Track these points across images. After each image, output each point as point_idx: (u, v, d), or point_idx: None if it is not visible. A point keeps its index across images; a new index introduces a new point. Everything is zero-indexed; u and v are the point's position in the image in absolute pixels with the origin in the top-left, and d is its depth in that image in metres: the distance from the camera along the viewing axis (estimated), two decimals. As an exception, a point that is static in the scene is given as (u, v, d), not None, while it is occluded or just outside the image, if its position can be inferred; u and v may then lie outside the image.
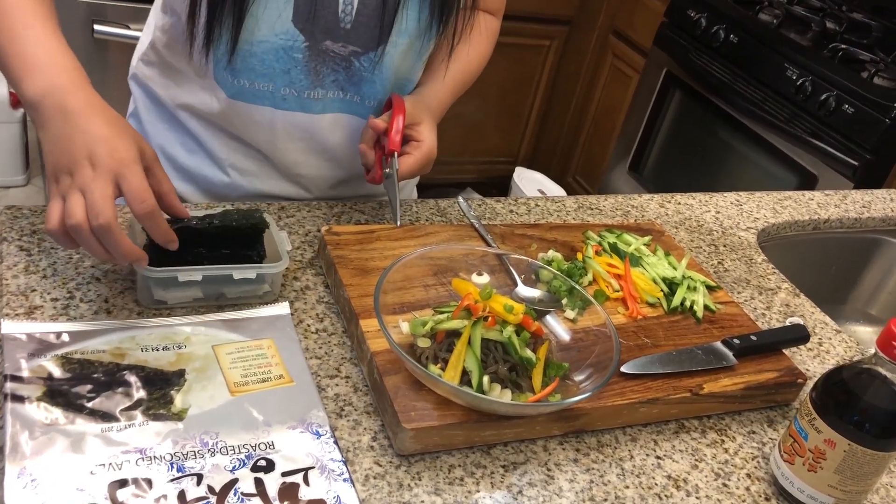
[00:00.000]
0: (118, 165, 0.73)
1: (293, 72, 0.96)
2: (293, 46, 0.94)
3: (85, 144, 0.74)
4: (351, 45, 0.96)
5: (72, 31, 2.21)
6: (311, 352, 0.83)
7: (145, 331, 0.80)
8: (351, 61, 0.98)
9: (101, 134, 0.75)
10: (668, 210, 1.29)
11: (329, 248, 0.92)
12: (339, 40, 0.96)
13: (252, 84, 0.97)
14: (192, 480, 0.66)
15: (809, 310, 1.13)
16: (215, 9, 0.89)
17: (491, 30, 1.15)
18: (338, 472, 0.70)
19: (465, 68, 1.10)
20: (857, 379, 0.75)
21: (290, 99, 0.99)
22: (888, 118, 1.95)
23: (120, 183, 0.74)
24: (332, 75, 0.98)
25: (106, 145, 0.74)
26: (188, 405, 0.73)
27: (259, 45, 0.94)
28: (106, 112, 0.78)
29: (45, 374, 0.72)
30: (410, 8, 0.96)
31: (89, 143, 0.74)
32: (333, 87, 1.00)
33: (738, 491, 0.80)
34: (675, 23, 2.60)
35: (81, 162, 0.73)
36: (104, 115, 0.77)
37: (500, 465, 0.77)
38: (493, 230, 1.05)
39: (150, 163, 0.78)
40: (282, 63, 0.96)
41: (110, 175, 0.73)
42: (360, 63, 0.98)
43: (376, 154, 0.99)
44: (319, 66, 0.97)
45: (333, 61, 0.97)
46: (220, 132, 1.04)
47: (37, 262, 0.86)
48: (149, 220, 0.76)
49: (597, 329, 0.87)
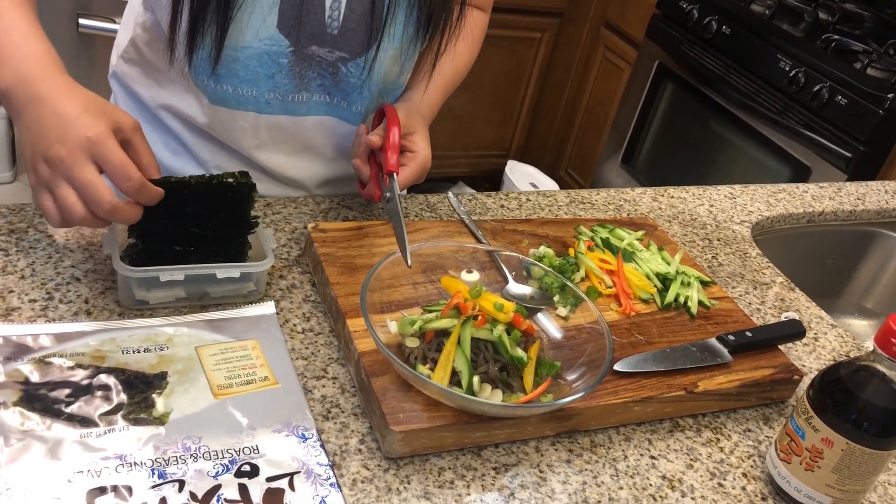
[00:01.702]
0: (90, 144, 0.71)
1: (277, 76, 0.94)
2: (278, 52, 0.92)
3: (55, 127, 0.72)
4: (338, 51, 0.94)
5: (56, 25, 2.18)
6: (297, 352, 0.81)
7: (126, 332, 0.78)
8: (338, 67, 0.96)
9: (69, 114, 0.72)
10: (661, 204, 1.27)
11: (316, 246, 0.90)
12: (325, 45, 0.93)
13: (235, 90, 0.94)
14: (174, 487, 0.64)
15: (804, 304, 1.11)
16: (198, 17, 0.86)
17: (479, 27, 1.13)
18: (324, 477, 0.68)
19: (454, 68, 1.08)
20: (854, 377, 0.73)
21: (273, 103, 0.96)
22: (882, 109, 1.94)
23: (98, 162, 0.72)
24: (318, 80, 0.96)
25: (75, 124, 0.72)
26: (170, 409, 0.71)
27: (243, 51, 0.91)
28: (75, 92, 0.75)
29: (22, 378, 0.70)
30: (399, 14, 0.94)
31: (58, 125, 0.72)
32: (319, 91, 0.97)
33: (733, 491, 0.79)
34: (667, 14, 2.58)
35: (53, 146, 0.71)
36: (73, 96, 0.74)
37: (492, 466, 0.75)
38: (483, 226, 1.03)
39: (129, 135, 0.75)
40: (266, 68, 0.93)
41: (85, 154, 0.71)
42: (348, 69, 0.96)
43: (372, 170, 0.96)
44: (305, 71, 0.95)
45: (320, 66, 0.95)
46: (204, 134, 1.02)
47: (14, 262, 0.83)
48: (140, 195, 0.74)
49: (589, 326, 0.85)
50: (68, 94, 0.74)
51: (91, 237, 0.89)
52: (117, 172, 0.72)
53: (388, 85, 1.02)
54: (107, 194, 0.71)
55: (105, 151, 0.71)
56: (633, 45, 2.79)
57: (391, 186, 0.91)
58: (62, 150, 0.71)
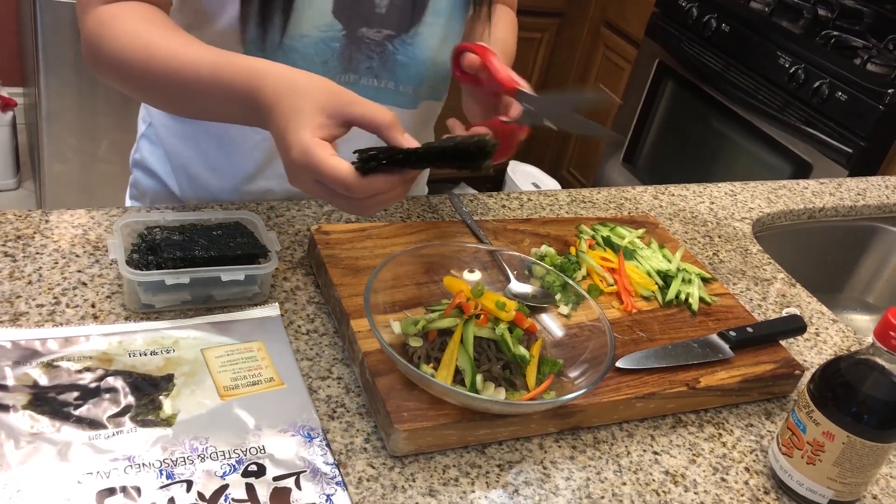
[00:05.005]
0: (300, 172, 0.73)
1: (330, 61, 0.95)
2: (332, 36, 0.93)
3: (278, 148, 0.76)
4: (385, 29, 0.95)
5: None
6: (301, 353, 0.82)
7: (133, 335, 0.79)
8: (385, 45, 0.96)
9: (276, 133, 0.75)
10: (661, 202, 1.28)
11: (319, 248, 0.91)
12: (374, 25, 0.94)
13: None
14: (182, 487, 0.65)
15: (806, 300, 1.12)
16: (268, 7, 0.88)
17: (514, 22, 1.13)
18: (330, 476, 0.69)
19: (505, 54, 1.05)
20: (854, 370, 0.74)
21: None
22: (882, 105, 1.95)
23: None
24: (367, 62, 0.97)
25: (282, 153, 0.74)
26: (177, 410, 0.72)
27: (300, 41, 0.92)
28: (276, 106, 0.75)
29: (31, 381, 0.71)
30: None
31: (277, 147, 0.75)
32: (368, 75, 0.98)
33: (736, 485, 0.79)
34: (666, 13, 2.59)
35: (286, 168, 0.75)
36: (275, 109, 0.75)
37: (496, 464, 0.76)
38: (485, 226, 1.04)
39: (343, 115, 0.74)
40: (321, 55, 0.94)
41: (309, 179, 0.73)
42: (394, 46, 0.97)
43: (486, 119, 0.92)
44: (354, 53, 0.96)
45: (368, 48, 0.96)
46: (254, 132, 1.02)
47: (21, 267, 0.84)
48: (379, 198, 0.74)
49: (591, 324, 0.86)
50: (274, 107, 0.77)
51: (96, 242, 0.90)
52: (338, 194, 0.74)
53: (436, 66, 1.02)
54: (363, 195, 0.72)
55: (314, 177, 0.73)
56: (633, 44, 2.79)
57: (520, 97, 0.85)
58: (296, 181, 0.76)
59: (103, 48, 0.85)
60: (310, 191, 0.75)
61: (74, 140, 2.42)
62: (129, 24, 0.84)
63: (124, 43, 0.83)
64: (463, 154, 0.74)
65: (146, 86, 0.87)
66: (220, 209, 0.98)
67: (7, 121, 2.61)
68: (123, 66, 0.84)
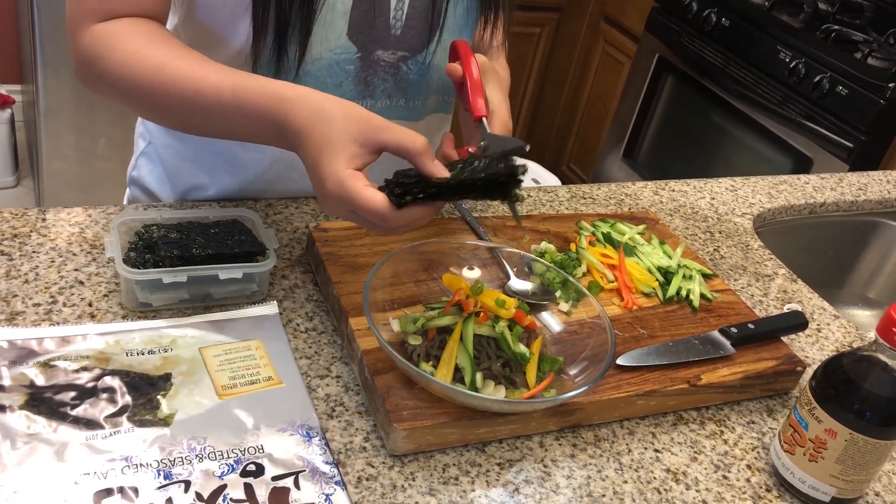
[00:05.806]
0: (335, 203, 0.73)
1: (345, 84, 0.93)
2: (346, 59, 0.92)
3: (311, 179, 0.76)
4: (400, 51, 0.94)
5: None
6: (300, 352, 0.82)
7: (130, 334, 0.78)
8: (399, 67, 0.95)
9: (308, 162, 0.74)
10: (662, 198, 1.27)
11: (317, 245, 0.91)
12: (389, 48, 0.93)
13: None
14: (180, 488, 0.65)
15: (807, 295, 1.11)
16: (284, 32, 0.86)
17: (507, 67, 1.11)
18: (329, 475, 0.69)
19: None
20: (856, 366, 0.73)
21: None
22: (882, 99, 1.94)
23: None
24: (382, 84, 0.96)
25: (316, 183, 0.74)
26: (175, 410, 0.71)
27: (314, 64, 0.90)
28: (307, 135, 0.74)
29: (27, 381, 0.71)
30: (458, 5, 0.94)
31: (310, 176, 0.75)
32: (382, 97, 0.97)
33: (738, 483, 0.79)
34: (666, 7, 2.58)
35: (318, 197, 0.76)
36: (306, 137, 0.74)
37: (496, 462, 0.75)
38: (484, 223, 1.03)
39: (375, 143, 0.73)
40: (334, 77, 0.92)
41: (345, 209, 0.73)
42: (408, 67, 0.96)
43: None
44: (370, 77, 0.94)
45: (383, 70, 0.95)
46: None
47: (18, 266, 0.84)
48: (413, 224, 0.75)
49: (591, 321, 0.85)
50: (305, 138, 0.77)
51: (93, 240, 0.89)
52: (372, 225, 0.75)
53: (446, 81, 1.00)
54: (386, 222, 0.72)
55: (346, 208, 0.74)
56: (633, 39, 2.79)
57: (484, 135, 0.84)
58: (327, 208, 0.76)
59: (106, 68, 0.82)
60: (344, 218, 0.76)
61: (73, 137, 2.41)
62: (133, 44, 0.81)
63: (132, 64, 0.80)
64: (493, 183, 0.74)
65: (158, 108, 0.84)
66: (218, 207, 0.98)
67: (5, 118, 2.60)
68: (132, 88, 0.81)
